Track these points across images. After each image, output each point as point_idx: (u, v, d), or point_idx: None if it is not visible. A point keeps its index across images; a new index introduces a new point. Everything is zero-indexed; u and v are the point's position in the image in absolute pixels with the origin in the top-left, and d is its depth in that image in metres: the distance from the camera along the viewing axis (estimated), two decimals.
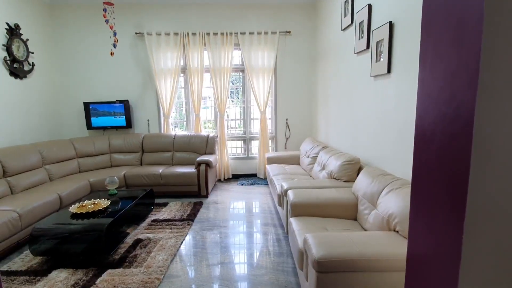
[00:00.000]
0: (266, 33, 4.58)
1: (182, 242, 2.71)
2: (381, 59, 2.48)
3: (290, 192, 2.44)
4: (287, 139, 5.00)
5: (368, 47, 2.74)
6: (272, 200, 3.88)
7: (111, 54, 3.85)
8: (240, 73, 4.94)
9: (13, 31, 3.61)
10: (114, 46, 3.88)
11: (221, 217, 3.34)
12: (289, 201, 2.35)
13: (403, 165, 2.16)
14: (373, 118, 2.67)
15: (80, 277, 2.15)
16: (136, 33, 4.54)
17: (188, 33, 4.52)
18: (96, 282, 2.08)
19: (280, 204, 2.94)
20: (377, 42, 2.55)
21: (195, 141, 4.54)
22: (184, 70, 4.79)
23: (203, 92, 4.78)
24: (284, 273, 2.19)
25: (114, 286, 2.03)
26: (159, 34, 4.51)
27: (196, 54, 4.58)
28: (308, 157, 3.89)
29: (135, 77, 4.73)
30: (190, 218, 3.27)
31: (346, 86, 3.33)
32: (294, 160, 4.35)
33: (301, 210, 2.27)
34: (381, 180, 2.06)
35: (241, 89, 5.00)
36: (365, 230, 2.02)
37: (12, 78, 3.67)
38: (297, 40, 4.75)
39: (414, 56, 2.00)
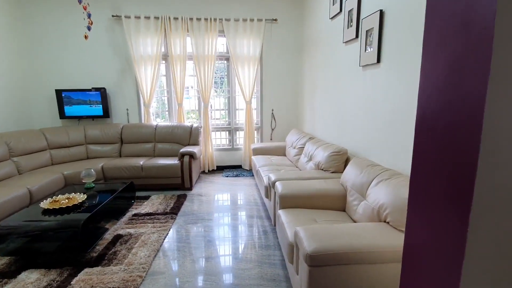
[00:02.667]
0: (252, 20, 4.42)
1: (165, 237, 2.59)
2: (371, 49, 2.43)
3: (278, 184, 2.37)
4: (272, 130, 4.93)
5: (357, 36, 2.69)
6: (258, 192, 3.82)
7: (86, 37, 3.57)
8: (225, 62, 4.77)
9: None
10: (89, 29, 3.60)
11: (206, 210, 3.24)
12: (277, 193, 2.29)
13: (391, 156, 2.15)
14: (361, 108, 2.64)
15: (54, 277, 1.99)
16: (112, 16, 4.24)
17: (169, 18, 4.27)
18: (71, 283, 1.93)
19: (267, 196, 2.87)
20: (366, 31, 2.49)
21: (178, 131, 4.36)
22: (165, 57, 4.55)
23: (188, 81, 4.58)
24: (272, 266, 2.14)
25: (92, 286, 1.90)
26: (138, 17, 4.23)
27: (178, 40, 4.36)
28: (294, 148, 3.85)
29: (112, 63, 4.44)
30: (174, 211, 3.15)
31: (333, 76, 3.28)
32: (280, 151, 4.29)
33: (290, 202, 2.22)
34: (370, 171, 2.03)
35: (226, 78, 4.84)
36: (354, 221, 2.00)
37: None
38: (283, 28, 4.63)
39: (405, 45, 1.96)
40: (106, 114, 4.44)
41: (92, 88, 4.36)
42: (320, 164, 2.86)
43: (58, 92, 4.25)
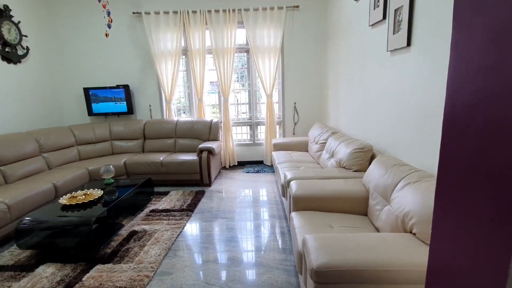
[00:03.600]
0: (272, 8, 4.20)
1: (178, 235, 2.54)
2: (400, 30, 2.12)
3: (293, 183, 2.19)
4: (295, 124, 4.71)
5: (384, 17, 2.37)
6: (279, 189, 3.65)
7: (106, 35, 3.64)
8: (245, 54, 4.62)
9: (2, 13, 3.43)
10: (109, 26, 3.66)
11: (223, 207, 3.16)
12: (291, 193, 2.11)
13: (422, 154, 1.86)
14: (388, 99, 2.34)
15: (67, 273, 2.03)
16: (133, 13, 4.28)
17: (188, 12, 4.21)
18: (82, 279, 1.95)
19: (284, 195, 2.70)
20: (395, 11, 2.18)
21: (198, 127, 4.33)
22: (185, 52, 4.51)
23: (208, 76, 4.52)
24: (284, 273, 1.98)
25: (101, 284, 1.89)
26: (157, 13, 4.22)
27: (197, 34, 4.29)
28: (316, 143, 3.61)
29: (135, 60, 4.50)
30: (190, 208, 3.11)
31: (358, 65, 2.97)
32: (302, 147, 4.07)
33: (304, 203, 2.03)
34: (396, 171, 1.77)
35: (246, 71, 4.68)
36: (376, 228, 1.77)
37: (5, 63, 3.52)
38: (306, 15, 4.35)
39: (441, 24, 1.65)
40: (130, 110, 4.54)
41: (116, 85, 4.47)
42: (341, 162, 2.62)
43: (86, 90, 4.41)
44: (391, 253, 1.24)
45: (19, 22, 3.68)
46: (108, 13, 3.57)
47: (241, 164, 4.84)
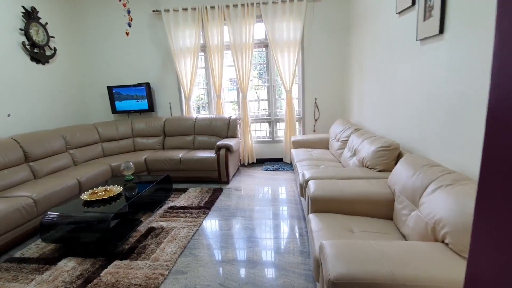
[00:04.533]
0: (291, 1, 4.05)
1: (194, 233, 2.53)
2: (431, 17, 1.93)
3: (311, 183, 2.08)
4: (315, 120, 4.54)
5: (413, 3, 2.17)
6: (298, 188, 3.54)
7: (127, 34, 3.70)
8: (264, 49, 4.51)
9: (30, 15, 3.58)
10: (129, 25, 3.71)
11: (240, 205, 3.11)
12: (309, 194, 2.00)
13: (456, 154, 1.67)
14: (417, 92, 2.15)
15: (87, 267, 2.07)
16: (153, 11, 4.31)
17: (206, 7, 4.17)
18: (100, 275, 1.98)
19: (303, 194, 2.59)
20: None
21: (216, 124, 4.30)
22: (203, 48, 4.49)
23: (226, 72, 4.48)
24: (301, 277, 1.89)
25: (117, 280, 1.91)
26: (176, 10, 4.23)
27: (215, 30, 4.24)
28: (338, 140, 3.44)
29: (155, 58, 4.56)
30: (207, 206, 3.09)
31: (384, 56, 2.77)
32: (323, 144, 3.91)
33: (323, 205, 1.92)
34: (426, 172, 1.60)
35: (265, 66, 4.58)
36: (403, 234, 1.62)
37: (34, 63, 3.69)
38: (327, 6, 4.15)
39: (478, 7, 1.45)
40: (151, 108, 4.61)
41: (138, 83, 4.56)
42: (364, 161, 2.46)
43: (110, 89, 4.54)
44: (419, 266, 1.11)
45: (46, 23, 3.83)
46: (128, 12, 3.62)
47: (260, 162, 4.77)
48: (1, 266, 2.15)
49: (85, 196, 2.50)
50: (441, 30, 1.83)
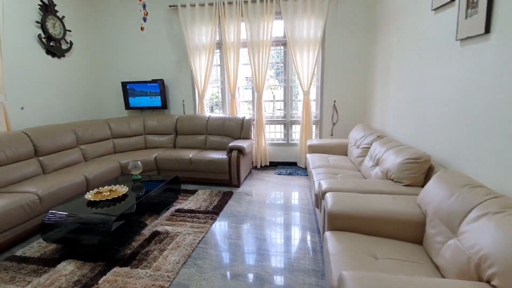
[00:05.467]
0: None
1: (200, 241, 2.38)
2: (475, 14, 1.67)
3: (328, 196, 1.88)
4: (333, 124, 4.30)
5: None
6: (312, 196, 3.33)
7: (142, 29, 3.62)
8: (281, 47, 4.31)
9: (47, 8, 3.56)
10: (144, 20, 3.62)
11: (250, 212, 2.94)
12: (326, 208, 1.80)
13: (504, 173, 1.42)
14: (454, 99, 1.89)
15: (86, 273, 1.97)
16: (170, 6, 4.21)
17: (223, 3, 4.02)
18: (98, 282, 1.87)
19: (318, 206, 2.39)
20: None
21: (229, 124, 4.15)
22: (219, 45, 4.35)
23: (242, 71, 4.32)
24: None
25: None
26: (193, 5, 4.10)
27: (232, 27, 4.09)
28: (358, 147, 3.20)
29: (170, 54, 4.46)
30: (215, 211, 2.94)
31: (415, 58, 2.51)
32: (341, 150, 3.67)
33: (342, 222, 1.71)
34: (467, 194, 1.37)
35: (282, 65, 4.38)
36: (436, 265, 1.39)
37: (49, 56, 3.67)
38: (351, 3, 3.90)
39: None
40: (164, 105, 4.52)
41: (152, 79, 4.48)
42: (389, 173, 2.22)
43: (124, 84, 4.49)
44: None
45: (63, 17, 3.80)
46: (144, 6, 3.53)
47: (273, 165, 4.58)
48: (1, 264, 2.09)
49: (89, 196, 2.40)
50: (487, 29, 1.58)
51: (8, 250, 2.31)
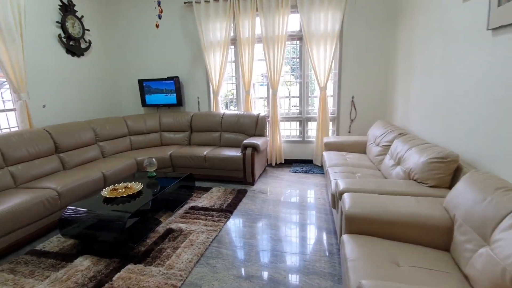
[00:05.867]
0: None
1: (213, 240, 2.35)
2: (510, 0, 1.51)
3: (346, 197, 1.78)
4: (351, 121, 4.15)
5: None
6: (328, 195, 3.22)
7: (157, 26, 3.62)
8: (297, 42, 4.20)
9: (67, 8, 3.64)
10: (159, 17, 3.62)
11: (265, 211, 2.88)
12: (343, 210, 1.71)
13: None
14: (485, 93, 1.73)
15: (101, 269, 1.99)
16: (185, 3, 4.20)
17: None
18: (113, 279, 1.88)
19: (334, 206, 2.30)
20: None
21: (244, 121, 4.10)
22: (234, 41, 4.30)
23: (257, 67, 4.25)
24: None
25: (128, 287, 1.79)
26: (207, 1, 4.06)
27: (247, 22, 4.02)
28: (377, 145, 3.06)
29: (185, 52, 4.46)
30: (229, 209, 2.91)
31: (440, 50, 2.34)
32: (359, 148, 3.53)
33: (360, 225, 1.61)
34: (501, 199, 1.24)
35: (298, 61, 4.27)
36: (466, 276, 1.27)
37: (69, 55, 3.76)
38: None
39: None
40: (180, 102, 4.54)
41: (167, 77, 4.50)
42: (412, 172, 2.09)
43: (140, 82, 4.54)
44: None
45: (82, 16, 3.88)
46: (159, 3, 3.53)
47: (288, 162, 4.49)
48: (22, 258, 2.16)
49: (105, 193, 2.44)
50: None
51: (30, 244, 2.39)
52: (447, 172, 1.89)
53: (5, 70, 2.91)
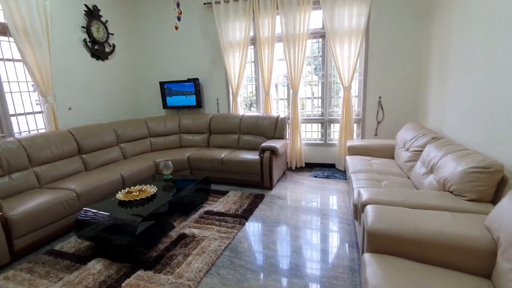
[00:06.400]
0: None
1: (225, 248, 2.25)
2: None
3: (369, 209, 1.60)
4: (378, 123, 3.87)
5: None
6: (350, 202, 3.00)
7: (176, 28, 3.61)
8: (319, 40, 4.00)
9: (92, 13, 3.74)
10: (179, 19, 3.62)
11: (282, 218, 2.74)
12: (365, 224, 1.53)
13: None
14: None
15: (111, 273, 1.97)
16: (204, 4, 4.17)
17: None
18: (122, 285, 1.85)
19: (357, 218, 2.10)
20: None
21: (263, 123, 3.98)
22: (253, 41, 4.19)
23: (277, 67, 4.12)
24: None
25: None
26: (227, 1, 4.00)
27: (267, 21, 3.89)
28: (407, 150, 2.79)
29: (204, 53, 4.43)
30: (245, 215, 2.80)
31: (484, 45, 2.05)
32: (387, 152, 3.26)
33: (385, 243, 1.42)
34: None
35: (320, 59, 4.06)
36: None
37: (94, 59, 3.87)
38: None
39: None
40: (199, 104, 4.52)
41: (187, 79, 4.50)
42: (447, 183, 1.84)
43: (162, 84, 4.59)
44: None
45: (106, 21, 3.98)
46: (178, 5, 3.52)
47: (309, 166, 4.30)
48: (40, 258, 2.20)
49: (120, 195, 2.43)
50: None
51: (49, 244, 2.44)
52: (490, 184, 1.63)
53: (33, 73, 3.04)
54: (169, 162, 2.96)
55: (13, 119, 3.08)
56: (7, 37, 3.04)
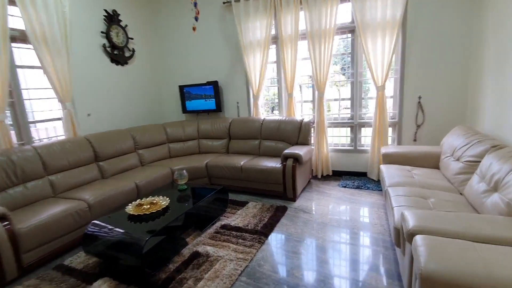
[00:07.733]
0: None
1: (241, 273, 1.98)
2: None
3: (421, 243, 1.25)
4: (418, 127, 3.40)
5: None
6: (388, 220, 2.61)
7: (194, 29, 3.44)
8: (348, 36, 3.62)
9: (112, 18, 3.69)
10: (196, 19, 3.45)
11: (306, 236, 2.42)
12: (417, 264, 1.18)
13: None
14: None
15: None
16: (223, 3, 3.97)
17: None
18: None
19: (399, 245, 1.73)
20: None
21: (285, 127, 3.68)
22: (275, 40, 3.91)
23: (300, 67, 3.81)
24: None
25: None
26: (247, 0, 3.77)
27: (289, 17, 3.60)
28: (457, 159, 2.35)
29: (224, 55, 4.23)
30: (265, 231, 2.51)
31: None
32: (430, 161, 2.82)
33: None
34: None
35: (349, 57, 3.68)
36: None
37: (113, 64, 3.81)
38: None
39: None
40: (219, 108, 4.33)
41: (207, 82, 4.33)
42: None
43: (181, 88, 4.46)
44: None
45: (126, 25, 3.92)
46: (195, 4, 3.34)
47: (337, 175, 3.92)
48: (48, 274, 2.09)
49: (130, 209, 2.26)
50: None
51: (60, 257, 2.33)
52: None
53: (51, 80, 3.00)
54: (184, 171, 2.76)
55: (34, 126, 3.06)
56: (27, 44, 3.03)
